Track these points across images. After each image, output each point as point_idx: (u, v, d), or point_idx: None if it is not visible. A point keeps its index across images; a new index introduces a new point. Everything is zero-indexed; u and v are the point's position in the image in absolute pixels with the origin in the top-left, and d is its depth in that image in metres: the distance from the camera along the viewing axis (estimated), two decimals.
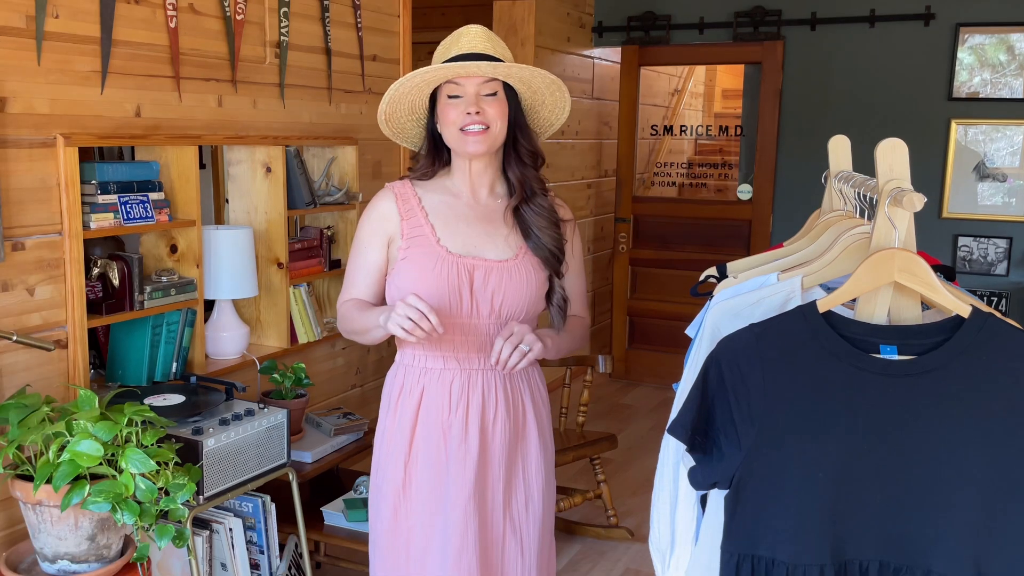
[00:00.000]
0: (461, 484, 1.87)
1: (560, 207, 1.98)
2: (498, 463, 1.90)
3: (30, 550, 2.08)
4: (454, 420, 1.87)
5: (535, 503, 1.95)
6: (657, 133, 5.84)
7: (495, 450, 1.89)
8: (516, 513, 1.93)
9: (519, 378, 1.94)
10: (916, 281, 1.33)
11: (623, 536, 3.58)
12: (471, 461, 1.87)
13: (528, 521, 1.94)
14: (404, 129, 1.99)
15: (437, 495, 1.89)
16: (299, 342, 3.22)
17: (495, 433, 1.89)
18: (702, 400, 1.37)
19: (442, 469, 1.88)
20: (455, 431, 1.87)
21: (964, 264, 4.95)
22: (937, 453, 1.28)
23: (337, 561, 3.08)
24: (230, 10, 2.80)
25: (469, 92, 1.83)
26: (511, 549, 1.92)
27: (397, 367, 1.96)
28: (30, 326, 2.28)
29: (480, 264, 1.85)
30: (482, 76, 1.82)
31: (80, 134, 2.37)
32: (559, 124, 2.01)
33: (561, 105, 1.95)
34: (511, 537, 1.92)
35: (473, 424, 1.87)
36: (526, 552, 1.94)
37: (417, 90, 1.88)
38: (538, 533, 1.96)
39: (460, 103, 1.83)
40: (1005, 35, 4.76)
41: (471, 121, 1.82)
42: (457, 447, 1.87)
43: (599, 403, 5.27)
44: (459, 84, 1.83)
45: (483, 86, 1.83)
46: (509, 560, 1.92)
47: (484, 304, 1.85)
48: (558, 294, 1.93)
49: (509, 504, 1.92)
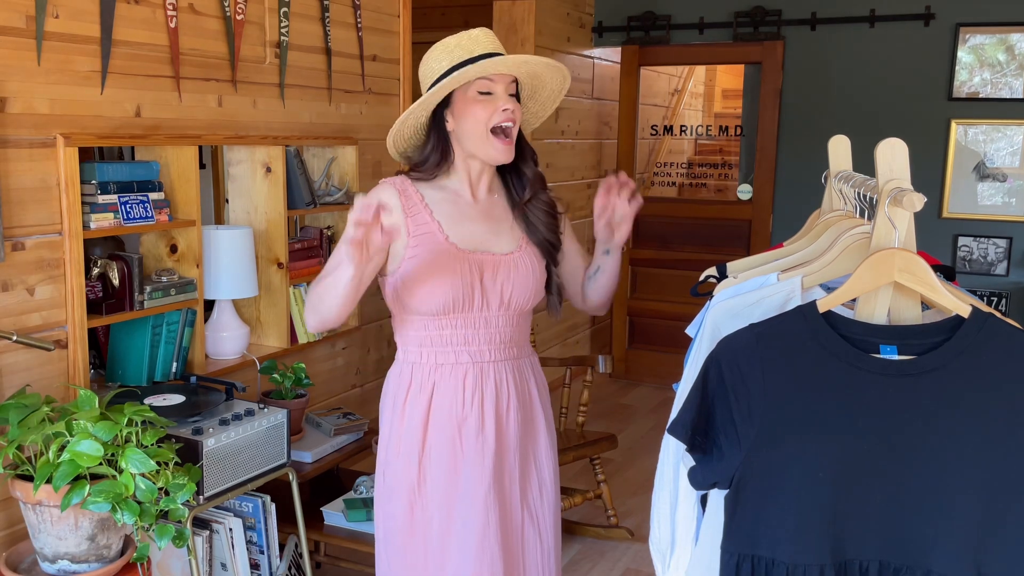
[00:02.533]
0: (480, 476, 1.88)
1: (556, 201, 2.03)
2: (513, 453, 1.92)
3: (30, 550, 2.08)
4: (469, 413, 1.88)
5: (548, 488, 1.99)
6: (657, 133, 5.84)
7: (510, 440, 1.92)
8: (532, 500, 1.97)
9: (525, 367, 1.98)
10: (916, 281, 1.33)
11: (623, 536, 3.58)
12: (488, 453, 1.88)
13: (543, 507, 1.98)
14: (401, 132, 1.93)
15: (454, 489, 1.89)
16: (299, 342, 3.22)
17: (509, 423, 1.91)
18: (702, 400, 1.37)
19: (458, 463, 1.88)
20: (471, 424, 1.88)
21: (964, 264, 4.96)
22: (937, 453, 1.28)
23: (337, 561, 3.07)
24: (230, 10, 2.80)
25: (500, 90, 1.83)
26: (530, 536, 1.96)
27: (402, 365, 1.94)
28: (30, 326, 2.28)
29: (488, 259, 1.87)
30: (509, 75, 1.84)
31: (80, 134, 2.37)
32: (544, 118, 2.05)
33: (551, 102, 2.00)
34: (529, 524, 1.96)
35: (489, 416, 1.89)
36: (544, 537, 1.98)
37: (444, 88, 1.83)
38: (553, 518, 2.00)
39: (492, 100, 1.82)
40: (1005, 35, 4.76)
41: (506, 118, 1.83)
42: (474, 440, 1.88)
43: (599, 403, 5.27)
44: (492, 81, 1.83)
45: (510, 86, 1.85)
46: (529, 547, 1.96)
47: (494, 297, 1.88)
48: (555, 282, 2.00)
49: (526, 492, 1.96)
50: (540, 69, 1.88)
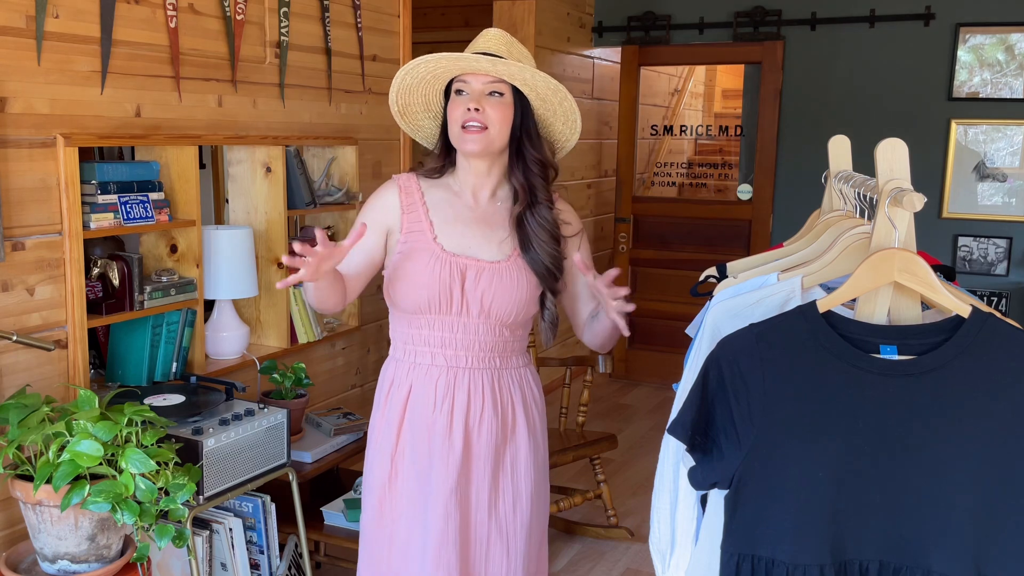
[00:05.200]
0: (443, 480, 1.87)
1: (567, 217, 1.95)
2: (483, 462, 1.90)
3: (30, 550, 2.08)
4: (438, 417, 1.88)
5: (523, 505, 1.94)
6: (657, 133, 5.84)
7: (480, 450, 1.89)
8: (503, 514, 1.93)
9: (509, 378, 1.94)
10: (916, 281, 1.33)
11: (623, 536, 3.57)
12: (454, 459, 1.87)
13: (515, 522, 1.93)
14: (421, 126, 2.01)
15: (422, 490, 1.89)
16: (299, 342, 3.22)
17: (480, 433, 1.89)
18: (702, 400, 1.37)
19: (426, 464, 1.89)
20: (439, 428, 1.88)
21: (964, 264, 4.95)
22: (937, 453, 1.28)
23: (337, 561, 3.07)
24: (230, 10, 2.80)
25: (475, 90, 1.84)
26: (496, 550, 1.92)
27: (389, 361, 1.98)
28: (30, 326, 2.28)
29: (472, 264, 1.86)
30: (487, 75, 1.83)
31: (80, 134, 2.37)
32: (574, 139, 1.98)
33: (572, 117, 1.94)
34: (496, 538, 1.92)
35: (458, 422, 1.88)
36: (512, 553, 1.93)
37: (429, 85, 1.90)
38: (526, 535, 1.95)
39: (463, 100, 1.84)
40: (1005, 35, 4.76)
41: (470, 118, 1.82)
42: (441, 444, 1.88)
43: (599, 403, 5.27)
44: (466, 81, 1.84)
45: (488, 86, 1.83)
46: (494, 561, 1.92)
47: (474, 303, 1.86)
48: (550, 311, 1.94)
49: (496, 505, 1.92)
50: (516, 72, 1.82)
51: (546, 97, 1.88)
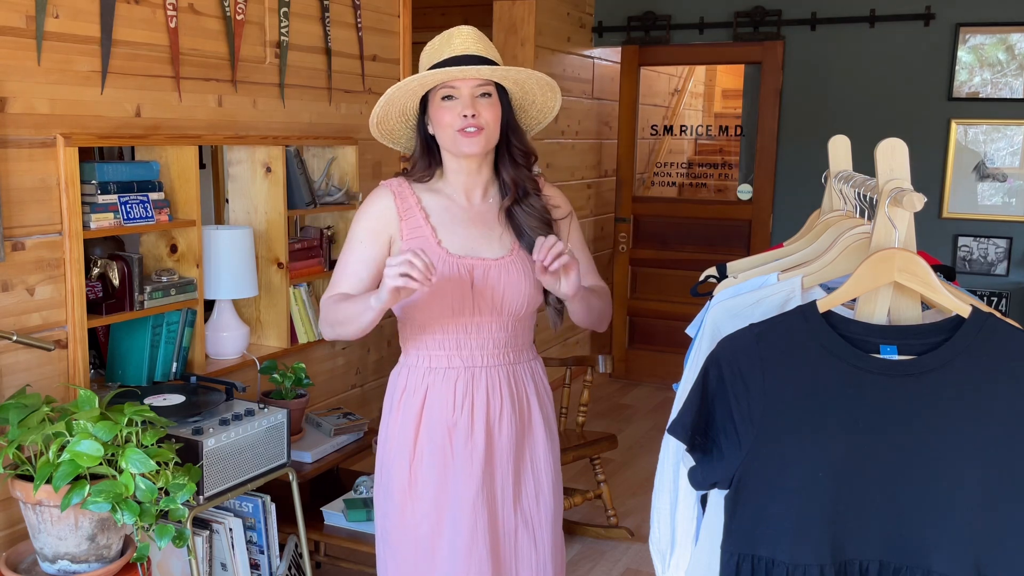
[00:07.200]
0: (468, 481, 1.87)
1: (555, 201, 1.98)
2: (505, 458, 1.91)
3: (30, 550, 2.08)
4: (459, 419, 1.88)
5: (545, 495, 1.97)
6: (657, 133, 5.84)
7: (502, 446, 1.91)
8: (527, 507, 1.95)
9: (523, 372, 1.96)
10: (916, 281, 1.33)
11: (623, 536, 3.58)
12: (477, 458, 1.88)
13: (540, 513, 1.96)
14: (394, 132, 1.98)
15: (444, 493, 1.89)
16: (299, 342, 3.22)
17: (501, 429, 1.90)
18: (702, 400, 1.37)
19: (448, 468, 1.89)
20: (460, 429, 1.88)
21: (964, 264, 4.95)
22: (937, 453, 1.28)
23: (337, 561, 3.07)
24: (230, 10, 2.80)
25: (464, 94, 1.83)
26: (524, 542, 1.94)
27: (400, 368, 1.97)
28: (30, 326, 2.28)
29: (478, 263, 1.86)
30: (476, 79, 1.83)
31: (80, 134, 2.37)
32: (547, 122, 2.02)
33: (551, 105, 1.96)
34: (523, 531, 1.94)
35: (479, 422, 1.88)
36: (539, 544, 1.95)
37: (411, 94, 1.88)
38: (550, 525, 1.98)
39: (455, 105, 1.83)
40: (1005, 35, 4.76)
41: (467, 123, 1.82)
42: (463, 445, 1.88)
43: (599, 403, 5.27)
44: (454, 87, 1.83)
45: (478, 88, 1.84)
46: (523, 554, 1.94)
47: (485, 302, 1.87)
48: (553, 295, 1.93)
49: (519, 498, 1.94)
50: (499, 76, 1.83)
51: (530, 88, 1.90)
